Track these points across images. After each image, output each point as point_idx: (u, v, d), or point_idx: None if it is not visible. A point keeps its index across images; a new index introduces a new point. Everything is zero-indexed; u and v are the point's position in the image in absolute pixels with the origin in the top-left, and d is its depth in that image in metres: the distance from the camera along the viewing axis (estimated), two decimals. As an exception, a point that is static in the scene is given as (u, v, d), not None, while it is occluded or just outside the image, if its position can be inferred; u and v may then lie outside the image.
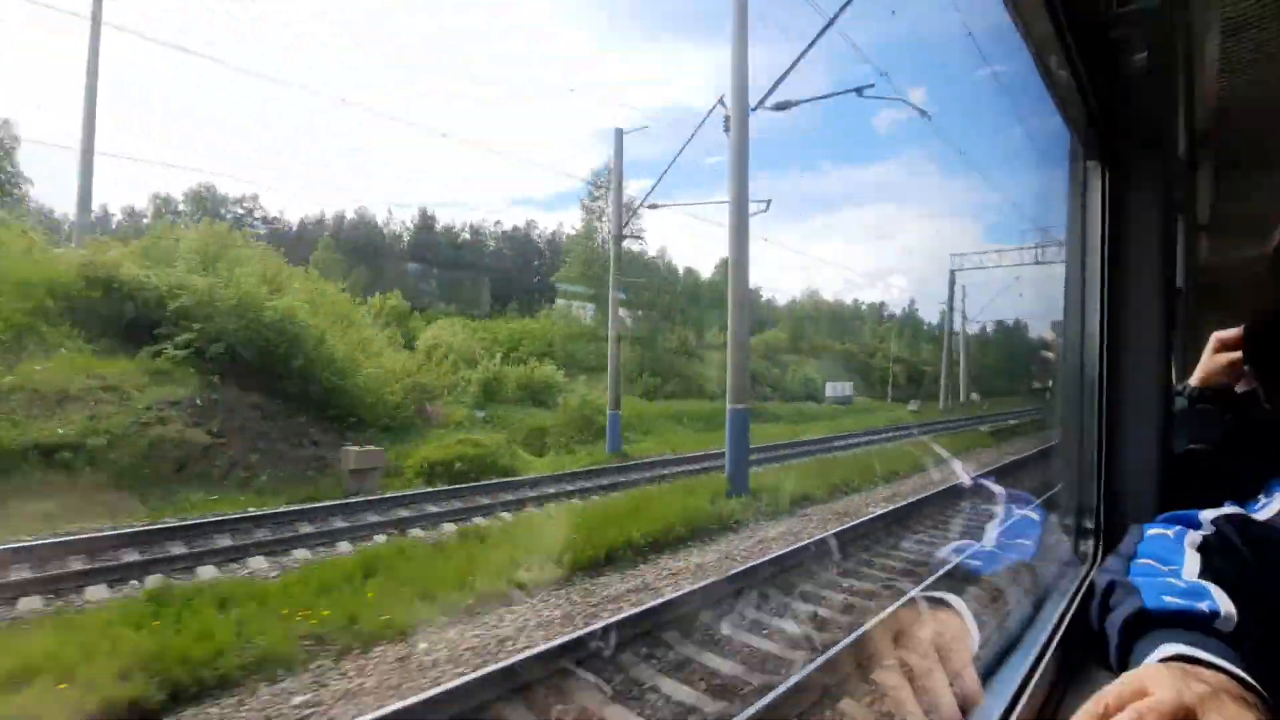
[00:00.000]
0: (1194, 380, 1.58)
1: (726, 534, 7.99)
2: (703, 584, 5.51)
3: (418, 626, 4.95)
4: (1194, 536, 0.82)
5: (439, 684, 3.87)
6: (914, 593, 5.29)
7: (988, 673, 0.80)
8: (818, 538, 7.04)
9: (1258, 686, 0.59)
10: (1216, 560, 0.78)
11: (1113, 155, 1.27)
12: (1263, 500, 0.87)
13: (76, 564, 6.08)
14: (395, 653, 4.60)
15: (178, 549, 6.64)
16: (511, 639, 4.78)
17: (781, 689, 3.51)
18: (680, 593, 5.32)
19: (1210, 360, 1.55)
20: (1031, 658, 0.80)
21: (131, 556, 6.32)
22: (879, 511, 8.55)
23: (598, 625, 4.61)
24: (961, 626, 0.79)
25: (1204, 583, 0.74)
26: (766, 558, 6.34)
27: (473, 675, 3.88)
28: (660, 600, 5.16)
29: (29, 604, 5.29)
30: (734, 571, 5.87)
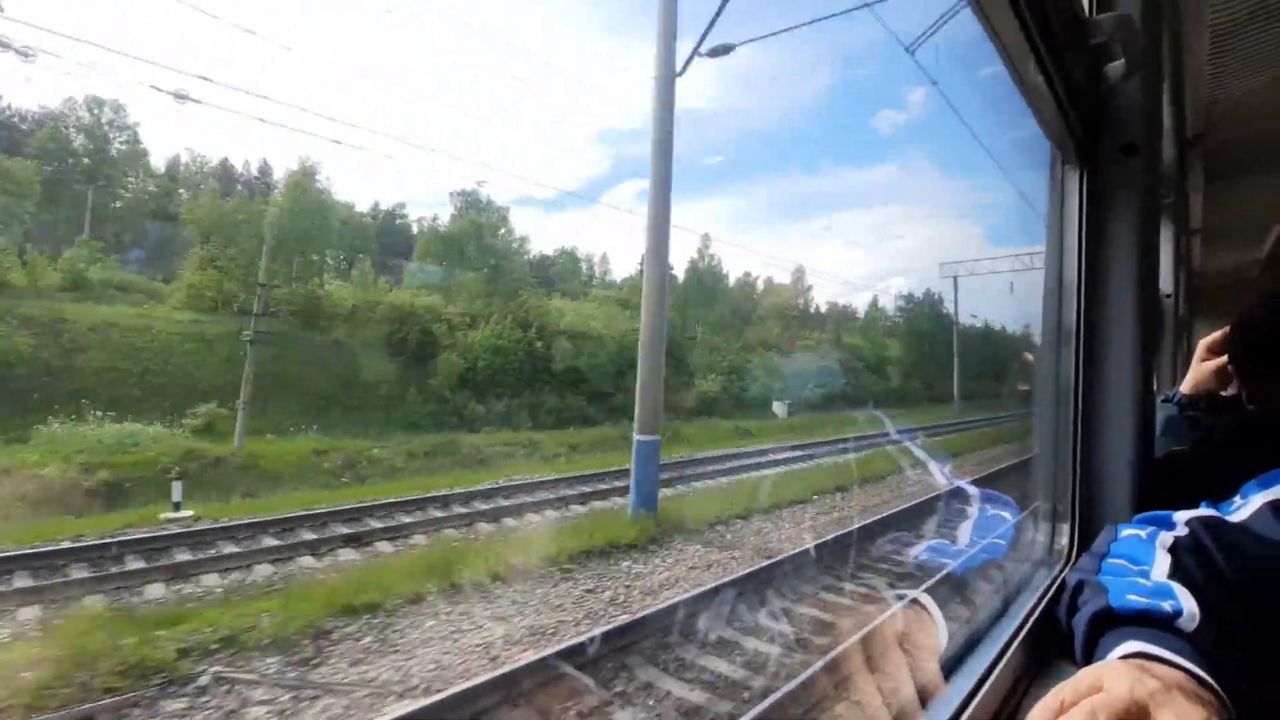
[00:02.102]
0: (1184, 388, 1.59)
1: None
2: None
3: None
4: (1166, 537, 0.84)
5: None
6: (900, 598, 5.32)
7: (953, 665, 0.81)
8: None
9: (1213, 683, 0.61)
10: (1186, 561, 0.79)
11: (1091, 162, 1.29)
12: (1237, 502, 0.89)
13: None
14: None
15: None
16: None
17: (776, 696, 3.52)
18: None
19: (1199, 367, 1.56)
20: (996, 651, 0.82)
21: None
22: None
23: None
24: (930, 623, 0.81)
25: (1170, 583, 0.76)
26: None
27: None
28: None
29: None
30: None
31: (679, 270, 40.52)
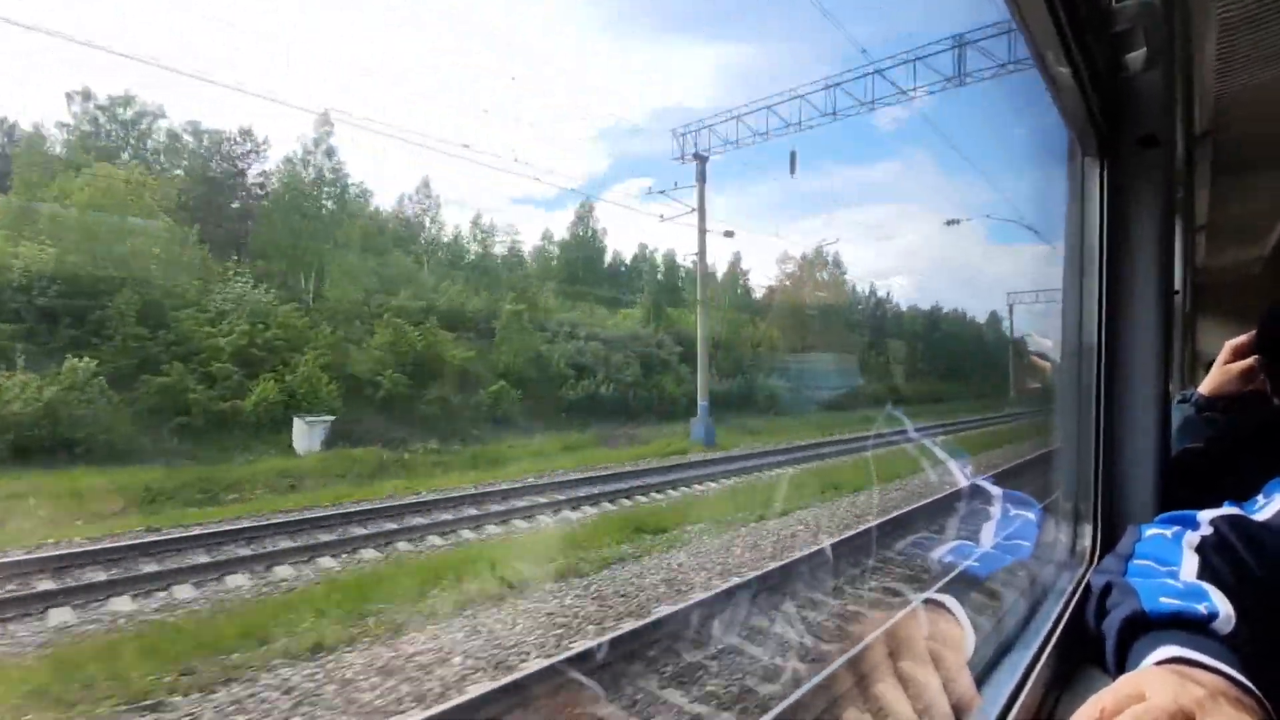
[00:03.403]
0: (1204, 389, 1.55)
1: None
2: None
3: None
4: (1192, 537, 0.82)
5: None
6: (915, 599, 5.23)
7: (983, 675, 0.79)
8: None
9: (1255, 690, 0.58)
10: (1215, 561, 0.77)
11: (1111, 153, 1.26)
12: (1261, 501, 0.87)
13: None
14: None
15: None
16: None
17: (787, 703, 3.51)
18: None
19: (1223, 369, 1.52)
20: (1028, 659, 0.79)
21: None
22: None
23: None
24: (957, 627, 0.78)
25: (1202, 584, 0.73)
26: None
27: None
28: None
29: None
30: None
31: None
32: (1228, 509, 0.86)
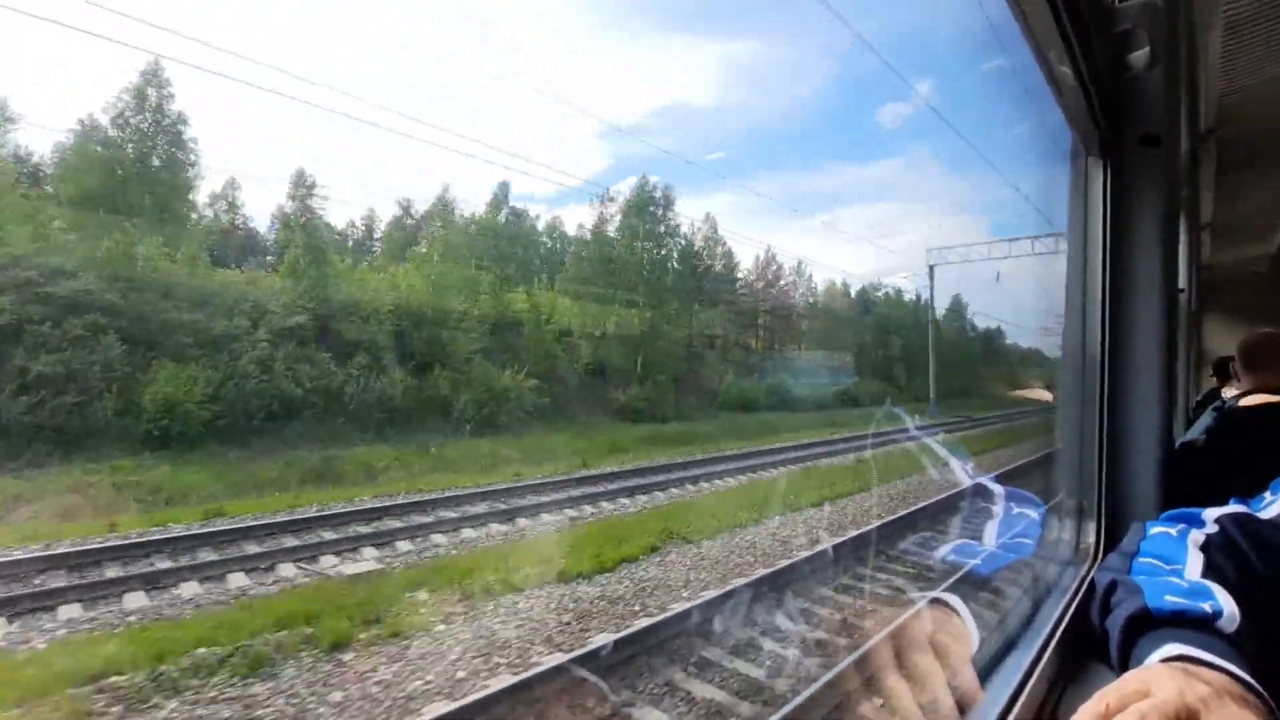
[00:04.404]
0: (1247, 401, 1.52)
1: None
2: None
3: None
4: (1197, 535, 0.81)
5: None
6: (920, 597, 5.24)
7: (987, 671, 0.79)
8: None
9: (1259, 688, 0.59)
10: (1220, 559, 0.77)
11: (1115, 153, 1.27)
12: (1268, 498, 0.87)
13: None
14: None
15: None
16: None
17: (794, 703, 3.49)
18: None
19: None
20: (1031, 656, 0.80)
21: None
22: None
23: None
24: (960, 625, 0.79)
25: (1207, 582, 0.73)
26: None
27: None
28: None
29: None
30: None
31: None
32: (1234, 506, 0.86)
